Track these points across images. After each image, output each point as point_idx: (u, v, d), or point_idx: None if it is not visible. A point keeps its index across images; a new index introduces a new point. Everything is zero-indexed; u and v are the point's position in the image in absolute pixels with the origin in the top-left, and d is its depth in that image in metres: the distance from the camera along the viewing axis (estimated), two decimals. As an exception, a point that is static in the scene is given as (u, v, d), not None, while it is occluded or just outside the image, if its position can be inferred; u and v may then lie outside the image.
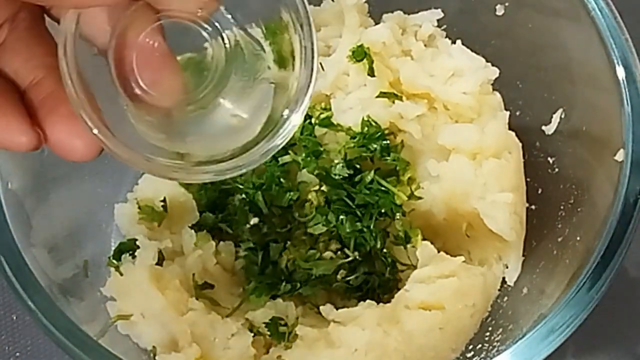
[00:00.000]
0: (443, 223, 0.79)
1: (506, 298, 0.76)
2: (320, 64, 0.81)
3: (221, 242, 0.79)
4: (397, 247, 0.79)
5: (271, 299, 0.75)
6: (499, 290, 0.77)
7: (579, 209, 0.72)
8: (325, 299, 0.77)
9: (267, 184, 0.80)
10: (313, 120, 0.82)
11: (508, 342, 0.65)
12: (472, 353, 0.71)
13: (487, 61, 0.80)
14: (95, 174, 0.81)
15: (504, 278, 0.78)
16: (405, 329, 0.67)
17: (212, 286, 0.75)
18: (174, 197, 0.80)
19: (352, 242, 0.78)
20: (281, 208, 0.80)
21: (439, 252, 0.74)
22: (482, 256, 0.78)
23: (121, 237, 0.79)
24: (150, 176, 0.82)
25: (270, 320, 0.72)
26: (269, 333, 0.72)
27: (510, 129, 0.79)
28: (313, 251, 0.78)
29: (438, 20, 0.84)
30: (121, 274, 0.70)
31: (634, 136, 0.65)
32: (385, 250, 0.78)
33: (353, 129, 0.80)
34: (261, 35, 0.47)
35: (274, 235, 0.80)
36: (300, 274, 0.77)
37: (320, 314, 0.72)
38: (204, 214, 0.81)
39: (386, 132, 0.79)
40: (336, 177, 0.79)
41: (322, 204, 0.80)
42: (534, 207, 0.79)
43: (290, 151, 0.81)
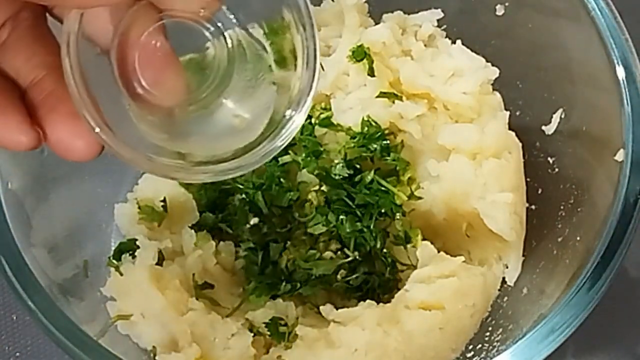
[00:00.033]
0: (443, 223, 0.79)
1: (506, 298, 0.76)
2: (320, 64, 0.81)
3: (221, 242, 0.79)
4: (397, 247, 0.79)
5: (271, 299, 0.75)
6: (499, 290, 0.77)
7: (579, 209, 0.72)
8: (325, 299, 0.77)
9: (267, 184, 0.80)
10: (313, 120, 0.82)
11: (508, 342, 0.65)
12: (472, 353, 0.71)
13: (487, 61, 0.80)
14: (95, 174, 0.81)
15: (504, 278, 0.78)
16: (405, 329, 0.67)
17: (212, 286, 0.75)
18: (174, 197, 0.80)
19: (352, 242, 0.78)
20: (281, 208, 0.80)
21: (439, 252, 0.74)
22: (482, 256, 0.78)
23: (121, 237, 0.79)
24: (150, 176, 0.82)
25: (270, 320, 0.72)
26: (269, 333, 0.72)
27: (510, 129, 0.79)
28: (313, 251, 0.78)
29: (438, 20, 0.84)
30: (121, 274, 0.70)
31: (634, 136, 0.65)
32: (385, 250, 0.78)
33: (353, 129, 0.80)
34: (263, 36, 0.47)
35: (274, 235, 0.80)
36: (300, 274, 0.77)
37: (320, 314, 0.72)
38: (204, 214, 0.81)
39: (386, 132, 0.79)
40: (336, 177, 0.79)
41: (322, 204, 0.80)
42: (534, 207, 0.79)
43: (290, 151, 0.81)
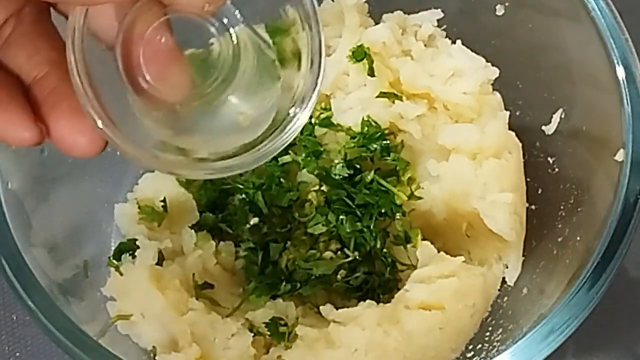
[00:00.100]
0: (443, 223, 0.79)
1: (506, 298, 0.76)
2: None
3: (221, 242, 0.79)
4: (397, 247, 0.79)
5: (271, 299, 0.75)
6: (499, 290, 0.77)
7: (579, 209, 0.72)
8: (325, 299, 0.77)
9: (267, 184, 0.80)
10: (313, 120, 0.82)
11: (508, 342, 0.65)
12: (472, 353, 0.71)
13: (487, 61, 0.80)
14: (95, 174, 0.81)
15: (504, 278, 0.78)
16: (405, 329, 0.67)
17: (212, 286, 0.75)
18: (174, 197, 0.80)
19: (352, 242, 0.78)
20: (281, 208, 0.80)
21: (439, 252, 0.74)
22: (482, 256, 0.78)
23: (121, 237, 0.79)
24: (150, 176, 0.82)
25: (270, 320, 0.72)
26: (269, 333, 0.72)
27: (510, 129, 0.79)
28: (313, 251, 0.78)
29: (438, 20, 0.84)
30: (121, 274, 0.70)
31: (634, 136, 0.65)
32: (385, 250, 0.78)
33: (353, 129, 0.80)
34: (268, 33, 0.47)
35: (274, 235, 0.80)
36: (300, 274, 0.77)
37: (320, 314, 0.72)
38: (204, 214, 0.81)
39: (386, 132, 0.79)
40: (336, 177, 0.79)
41: (322, 204, 0.80)
42: (534, 207, 0.79)
43: (290, 151, 0.80)
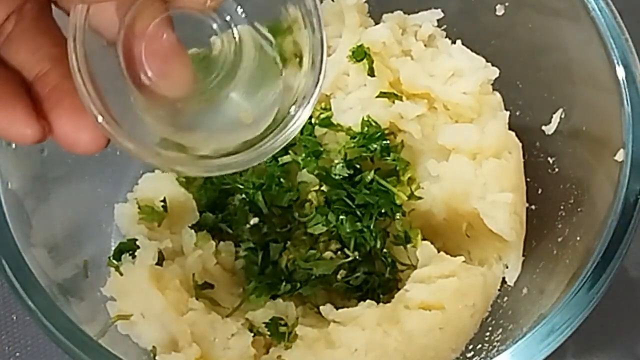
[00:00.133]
0: (443, 223, 0.79)
1: (506, 298, 0.76)
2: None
3: (221, 242, 0.79)
4: (397, 247, 0.79)
5: (271, 299, 0.75)
6: (499, 290, 0.77)
7: (579, 209, 0.72)
8: (325, 299, 0.77)
9: (267, 184, 0.80)
10: (313, 120, 0.82)
11: (508, 342, 0.65)
12: (472, 353, 0.71)
13: (487, 61, 0.80)
14: (95, 174, 0.81)
15: (504, 278, 0.78)
16: (405, 329, 0.67)
17: (212, 286, 0.75)
18: (174, 197, 0.80)
19: (352, 242, 0.78)
20: (281, 208, 0.80)
21: (439, 252, 0.74)
22: (482, 256, 0.78)
23: (121, 237, 0.79)
24: (151, 176, 0.82)
25: (270, 320, 0.72)
26: (269, 333, 0.72)
27: (510, 129, 0.79)
28: (313, 251, 0.78)
29: (438, 20, 0.84)
30: (121, 274, 0.70)
31: (634, 136, 0.65)
32: (385, 250, 0.78)
33: (353, 129, 0.80)
34: (270, 31, 0.47)
35: (274, 235, 0.80)
36: (300, 274, 0.77)
37: (320, 314, 0.72)
38: (204, 214, 0.81)
39: (386, 132, 0.79)
40: (336, 177, 0.79)
41: (322, 204, 0.80)
42: (534, 207, 0.79)
43: (290, 151, 0.80)
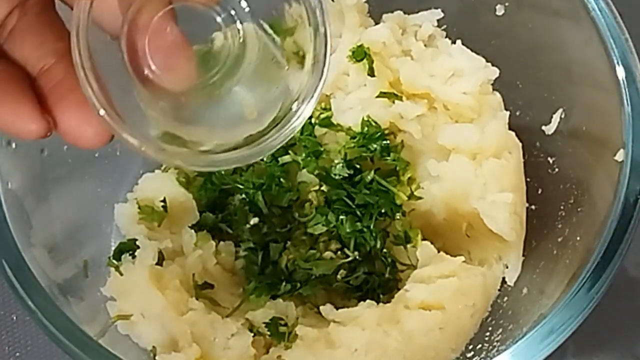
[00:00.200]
0: (443, 223, 0.79)
1: (506, 298, 0.76)
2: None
3: (221, 242, 0.79)
4: (397, 247, 0.79)
5: (271, 299, 0.75)
6: (499, 290, 0.77)
7: (579, 209, 0.72)
8: (325, 299, 0.77)
9: (267, 184, 0.80)
10: (313, 120, 0.82)
11: (508, 342, 0.65)
12: (472, 353, 0.71)
13: (487, 61, 0.80)
14: (95, 174, 0.81)
15: (504, 278, 0.78)
16: (405, 329, 0.67)
17: (212, 286, 0.75)
18: (174, 197, 0.80)
19: (352, 242, 0.78)
20: (281, 208, 0.80)
21: (439, 252, 0.74)
22: (482, 256, 0.78)
23: (121, 237, 0.79)
24: (151, 176, 0.82)
25: (270, 320, 0.72)
26: (269, 333, 0.72)
27: (510, 129, 0.79)
28: (313, 251, 0.78)
29: (438, 20, 0.84)
30: (121, 274, 0.70)
31: (634, 136, 0.65)
32: (385, 250, 0.78)
33: (353, 129, 0.80)
34: (274, 27, 0.47)
35: (274, 235, 0.80)
36: (300, 274, 0.77)
37: (320, 314, 0.72)
38: (204, 214, 0.81)
39: (386, 132, 0.79)
40: (336, 177, 0.79)
41: (322, 204, 0.80)
42: (534, 207, 0.79)
43: (290, 151, 0.80)
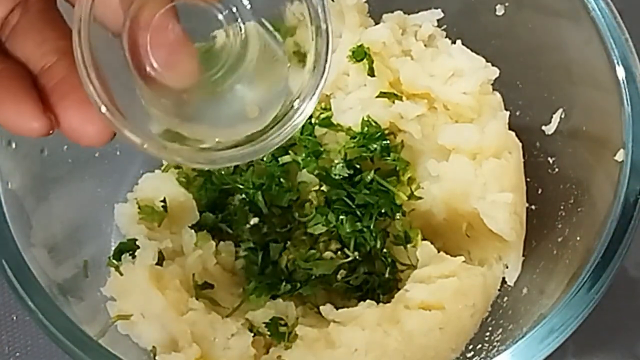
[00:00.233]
0: (443, 223, 0.79)
1: (506, 298, 0.76)
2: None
3: (221, 242, 0.79)
4: (397, 247, 0.79)
5: (271, 299, 0.75)
6: (499, 290, 0.77)
7: (579, 209, 0.72)
8: (325, 299, 0.77)
9: (267, 184, 0.80)
10: (313, 120, 0.82)
11: (508, 342, 0.65)
12: (472, 353, 0.71)
13: (487, 61, 0.79)
14: (95, 174, 0.81)
15: (504, 278, 0.78)
16: (405, 329, 0.67)
17: (212, 286, 0.75)
18: (174, 197, 0.80)
19: (352, 242, 0.78)
20: (281, 208, 0.80)
21: (439, 252, 0.74)
22: (482, 256, 0.78)
23: (121, 237, 0.79)
24: (151, 176, 0.82)
25: (270, 320, 0.72)
26: (269, 333, 0.72)
27: (510, 129, 0.79)
28: (313, 251, 0.78)
29: (438, 20, 0.84)
30: (121, 274, 0.70)
31: (634, 136, 0.65)
32: (385, 250, 0.78)
33: (353, 129, 0.80)
34: (276, 25, 0.47)
35: (274, 235, 0.80)
36: (300, 274, 0.77)
37: (320, 314, 0.72)
38: (204, 214, 0.81)
39: (386, 132, 0.79)
40: (336, 177, 0.79)
41: (322, 204, 0.80)
42: (534, 207, 0.79)
43: (290, 151, 0.80)
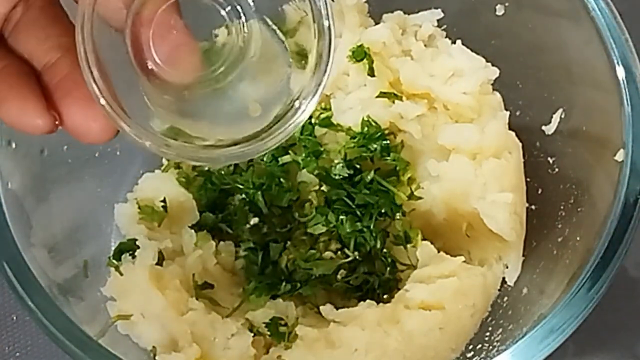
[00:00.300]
0: (443, 223, 0.79)
1: (506, 298, 0.76)
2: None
3: (221, 242, 0.79)
4: (397, 247, 0.79)
5: (271, 299, 0.75)
6: (499, 290, 0.77)
7: (579, 209, 0.72)
8: (325, 299, 0.77)
9: (267, 184, 0.80)
10: (313, 120, 0.82)
11: (508, 342, 0.65)
12: (472, 353, 0.71)
13: (487, 61, 0.79)
14: (95, 174, 0.81)
15: (504, 278, 0.78)
16: (405, 329, 0.67)
17: (212, 286, 0.75)
18: (174, 197, 0.80)
19: (352, 242, 0.78)
20: (281, 208, 0.80)
21: (439, 252, 0.74)
22: (482, 256, 0.78)
23: (121, 237, 0.79)
24: (151, 176, 0.82)
25: (270, 320, 0.72)
26: (269, 333, 0.72)
27: (510, 129, 0.79)
28: (313, 251, 0.78)
29: (438, 20, 0.84)
30: (121, 274, 0.70)
31: (634, 136, 0.65)
32: (385, 250, 0.78)
33: (353, 129, 0.80)
34: (278, 24, 0.47)
35: (274, 235, 0.80)
36: (300, 274, 0.77)
37: (320, 314, 0.72)
38: (204, 214, 0.81)
39: (386, 132, 0.79)
40: (336, 177, 0.79)
41: (322, 204, 0.79)
42: (534, 207, 0.79)
43: (290, 151, 0.80)
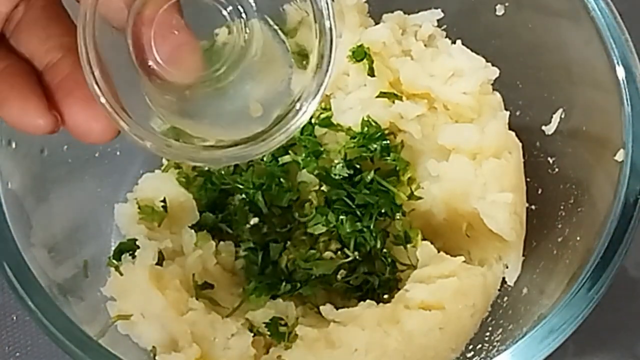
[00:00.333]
0: (443, 223, 0.79)
1: (506, 298, 0.76)
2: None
3: (221, 242, 0.79)
4: (397, 247, 0.79)
5: (271, 299, 0.75)
6: (499, 290, 0.77)
7: (579, 209, 0.72)
8: (325, 299, 0.77)
9: (267, 184, 0.80)
10: (313, 120, 0.82)
11: (508, 342, 0.65)
12: (472, 353, 0.71)
13: (487, 61, 0.79)
14: (95, 174, 0.81)
15: (504, 278, 0.78)
16: (405, 329, 0.67)
17: (212, 286, 0.75)
18: (174, 197, 0.80)
19: (352, 242, 0.78)
20: (281, 208, 0.80)
21: (439, 252, 0.74)
22: (482, 256, 0.78)
23: (121, 237, 0.79)
24: (151, 176, 0.82)
25: (270, 320, 0.72)
26: (269, 333, 0.72)
27: (510, 129, 0.79)
28: (313, 251, 0.78)
29: (438, 20, 0.84)
30: (121, 274, 0.70)
31: (634, 136, 0.65)
32: (385, 250, 0.78)
33: (353, 129, 0.80)
34: (280, 24, 0.47)
35: (274, 235, 0.80)
36: (300, 274, 0.77)
37: (320, 314, 0.72)
38: (204, 214, 0.81)
39: (386, 132, 0.79)
40: (336, 177, 0.79)
41: (322, 204, 0.79)
42: (534, 207, 0.79)
43: (290, 151, 0.80)
